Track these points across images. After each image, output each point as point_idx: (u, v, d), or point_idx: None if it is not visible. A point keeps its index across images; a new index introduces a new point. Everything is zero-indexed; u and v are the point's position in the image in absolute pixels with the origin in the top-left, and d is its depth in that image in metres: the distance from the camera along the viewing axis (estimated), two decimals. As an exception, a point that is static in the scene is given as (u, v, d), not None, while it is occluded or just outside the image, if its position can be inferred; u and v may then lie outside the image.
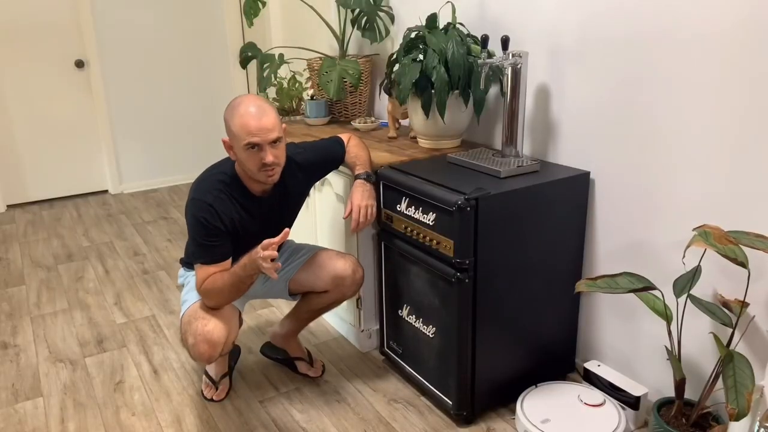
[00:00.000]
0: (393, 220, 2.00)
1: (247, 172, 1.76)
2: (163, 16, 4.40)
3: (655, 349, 1.87)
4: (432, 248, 1.85)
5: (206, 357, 1.76)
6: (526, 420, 1.81)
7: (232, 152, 1.75)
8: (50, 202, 4.35)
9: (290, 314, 2.21)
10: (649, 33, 1.68)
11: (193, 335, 1.75)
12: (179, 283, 2.06)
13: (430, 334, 1.97)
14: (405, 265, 2.02)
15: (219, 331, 1.76)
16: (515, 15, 2.10)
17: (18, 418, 2.03)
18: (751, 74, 1.48)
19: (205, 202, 1.74)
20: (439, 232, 1.80)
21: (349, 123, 2.80)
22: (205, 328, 1.75)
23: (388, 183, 1.99)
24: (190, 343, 1.76)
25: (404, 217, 1.95)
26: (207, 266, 1.76)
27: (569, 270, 1.99)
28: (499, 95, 2.25)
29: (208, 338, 1.74)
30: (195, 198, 1.76)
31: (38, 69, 4.12)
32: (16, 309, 2.79)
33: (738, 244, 1.41)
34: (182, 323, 1.83)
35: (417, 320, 2.02)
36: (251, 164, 1.71)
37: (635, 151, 1.79)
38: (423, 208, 1.85)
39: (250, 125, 1.66)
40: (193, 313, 1.80)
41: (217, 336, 1.75)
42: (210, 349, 1.75)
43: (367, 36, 2.69)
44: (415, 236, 1.91)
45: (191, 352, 1.78)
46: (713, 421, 1.63)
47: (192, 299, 1.86)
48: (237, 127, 1.67)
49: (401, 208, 1.95)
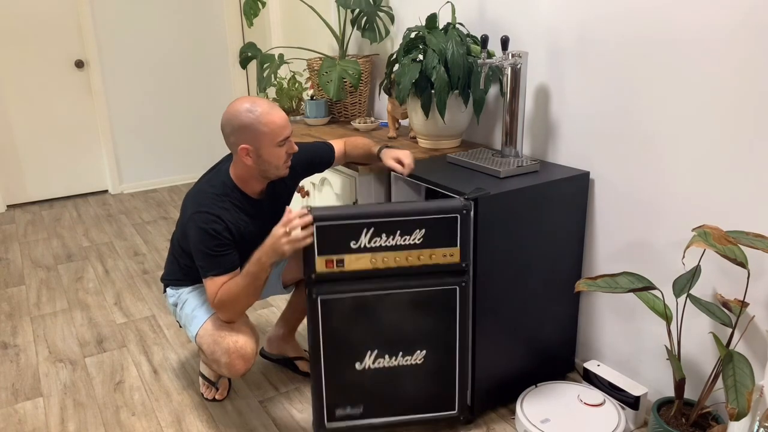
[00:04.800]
0: (344, 263, 1.69)
1: (269, 169, 1.75)
2: (163, 17, 4.40)
3: (655, 349, 1.87)
4: (423, 266, 1.72)
5: (242, 372, 1.77)
6: (526, 420, 1.81)
7: (250, 158, 1.71)
8: (50, 202, 4.35)
9: (286, 310, 2.23)
10: (649, 33, 1.68)
11: (227, 354, 1.73)
12: (170, 303, 1.99)
13: (418, 361, 1.81)
14: (366, 308, 1.75)
15: (250, 344, 1.76)
16: (515, 15, 2.10)
17: (18, 418, 2.03)
18: (751, 74, 1.48)
19: (211, 213, 1.72)
20: (434, 246, 1.71)
21: (349, 123, 2.80)
22: (237, 344, 1.74)
23: (329, 222, 1.65)
24: (224, 362, 1.74)
25: (369, 251, 1.69)
26: (218, 278, 1.72)
27: (569, 270, 1.99)
28: (499, 95, 2.25)
29: (243, 354, 1.74)
30: (200, 211, 1.72)
31: (38, 69, 4.11)
32: (16, 309, 2.79)
33: (738, 244, 1.41)
34: (204, 342, 1.79)
35: (393, 358, 1.80)
36: (279, 159, 1.74)
37: (635, 151, 1.79)
38: (402, 230, 1.68)
39: (280, 121, 1.70)
40: (217, 331, 1.77)
41: (251, 349, 1.76)
42: (246, 364, 1.76)
43: (367, 36, 2.69)
44: (393, 264, 1.71)
45: (226, 371, 1.77)
46: (713, 421, 1.63)
47: (202, 315, 1.83)
48: (268, 126, 1.68)
49: (361, 243, 1.68)
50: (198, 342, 1.81)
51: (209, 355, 1.77)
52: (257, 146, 1.70)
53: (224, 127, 1.72)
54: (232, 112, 1.70)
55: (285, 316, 2.23)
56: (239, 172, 1.78)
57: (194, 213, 1.73)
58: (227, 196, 1.77)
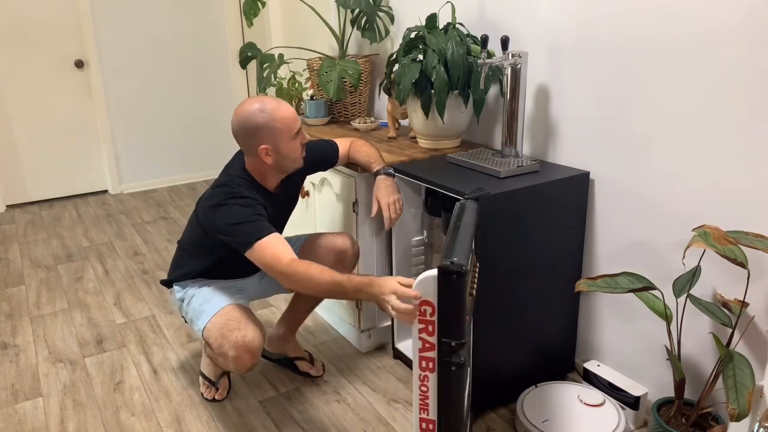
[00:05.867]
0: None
1: (288, 163, 1.78)
2: (162, 16, 4.40)
3: (655, 349, 1.87)
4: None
5: (248, 366, 1.76)
6: (526, 420, 1.81)
7: (270, 156, 1.73)
8: (50, 203, 4.35)
9: (287, 310, 2.23)
10: (649, 33, 1.68)
11: (234, 348, 1.72)
12: (177, 298, 1.97)
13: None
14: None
15: (257, 338, 1.75)
16: (515, 15, 2.10)
17: (18, 419, 2.03)
18: (751, 75, 1.48)
19: (240, 194, 1.72)
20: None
21: (349, 123, 2.80)
22: (245, 339, 1.73)
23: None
24: (231, 355, 1.73)
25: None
26: (264, 240, 1.63)
27: (569, 270, 1.99)
28: (499, 95, 2.25)
29: (250, 348, 1.73)
30: (229, 197, 1.70)
31: (38, 69, 4.11)
32: (15, 309, 2.79)
33: (738, 244, 1.41)
34: (212, 336, 1.77)
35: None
36: (296, 151, 1.78)
37: (635, 151, 1.79)
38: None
39: (289, 115, 1.73)
40: (224, 325, 1.76)
41: (258, 343, 1.75)
42: (252, 359, 1.75)
43: (366, 36, 2.69)
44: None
45: (232, 365, 1.75)
46: (713, 421, 1.63)
47: (211, 310, 1.82)
48: (282, 122, 1.71)
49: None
50: (205, 336, 1.80)
51: (216, 348, 1.77)
52: (276, 144, 1.72)
53: (238, 132, 1.72)
54: (243, 116, 1.70)
55: (286, 316, 2.23)
56: (256, 169, 1.80)
57: (223, 201, 1.70)
58: (250, 186, 1.78)
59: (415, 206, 2.22)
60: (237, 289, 1.96)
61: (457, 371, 1.26)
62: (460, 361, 1.25)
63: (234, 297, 1.88)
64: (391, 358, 2.31)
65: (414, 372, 1.32)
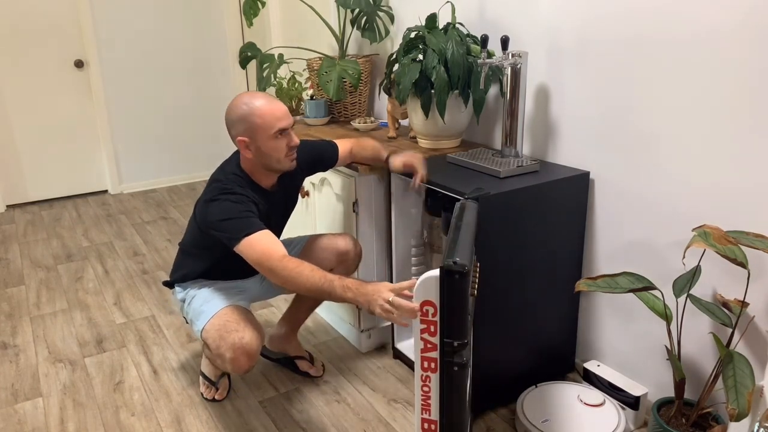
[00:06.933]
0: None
1: (271, 162, 1.76)
2: (162, 16, 4.40)
3: (655, 349, 1.87)
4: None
5: (245, 369, 1.75)
6: (526, 420, 1.81)
7: (249, 150, 1.73)
8: (50, 203, 4.35)
9: (289, 310, 2.22)
10: (649, 34, 1.68)
11: (231, 350, 1.72)
12: (178, 299, 1.97)
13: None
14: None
15: (255, 340, 1.75)
16: (515, 15, 2.10)
17: (18, 419, 2.03)
18: (750, 75, 1.48)
19: (232, 191, 1.72)
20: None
21: (349, 123, 2.79)
22: (242, 341, 1.72)
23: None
24: (228, 357, 1.73)
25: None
26: (255, 235, 1.63)
27: (569, 270, 1.99)
28: (499, 95, 2.25)
29: (248, 350, 1.73)
30: (221, 193, 1.71)
31: (38, 69, 4.11)
32: (15, 309, 2.79)
33: (738, 244, 1.41)
34: (210, 337, 1.77)
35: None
36: (279, 152, 1.74)
37: (635, 151, 1.79)
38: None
39: (276, 113, 1.70)
40: (222, 327, 1.75)
41: (256, 346, 1.75)
42: (249, 361, 1.74)
43: (366, 36, 2.69)
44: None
45: (230, 366, 1.75)
46: (713, 421, 1.63)
47: (210, 311, 1.82)
48: (262, 118, 1.69)
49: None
50: (203, 337, 1.80)
51: (214, 350, 1.77)
52: (253, 137, 1.72)
53: (226, 120, 1.76)
54: (231, 106, 1.74)
55: (287, 315, 2.23)
56: (246, 165, 1.81)
57: (215, 197, 1.71)
58: (243, 182, 1.78)
59: (415, 206, 2.22)
60: (238, 290, 1.96)
61: (459, 371, 1.26)
62: (462, 361, 1.25)
63: (234, 298, 1.88)
64: (391, 358, 2.31)
65: (416, 372, 1.32)
